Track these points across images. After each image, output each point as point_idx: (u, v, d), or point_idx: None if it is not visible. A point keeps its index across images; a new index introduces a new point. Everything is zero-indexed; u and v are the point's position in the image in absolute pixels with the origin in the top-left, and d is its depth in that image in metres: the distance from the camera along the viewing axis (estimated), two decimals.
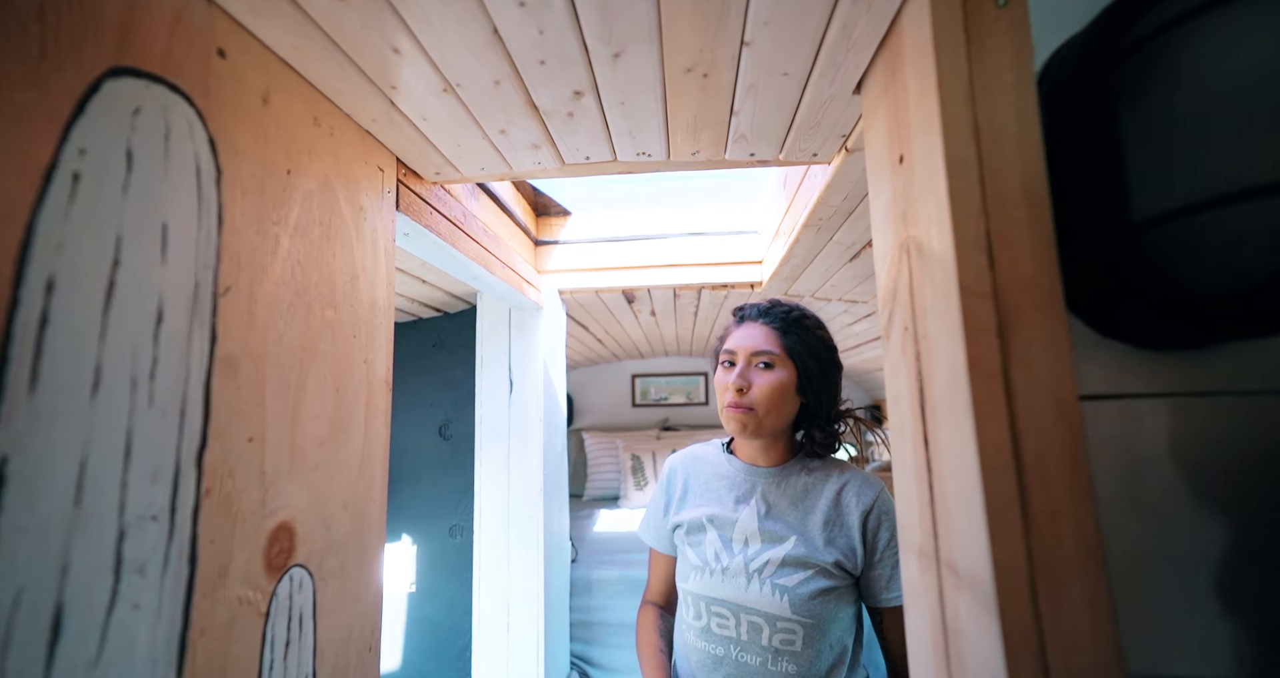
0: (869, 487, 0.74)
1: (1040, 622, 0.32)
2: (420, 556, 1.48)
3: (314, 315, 0.51)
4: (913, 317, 0.45)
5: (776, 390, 0.73)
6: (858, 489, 0.74)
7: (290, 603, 0.45)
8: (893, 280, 0.49)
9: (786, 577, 0.71)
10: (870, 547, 0.72)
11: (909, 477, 0.47)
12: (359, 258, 0.59)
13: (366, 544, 0.58)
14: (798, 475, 0.77)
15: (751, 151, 0.72)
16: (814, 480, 0.76)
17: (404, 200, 0.71)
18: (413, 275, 1.21)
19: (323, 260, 0.53)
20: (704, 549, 0.77)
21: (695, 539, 0.79)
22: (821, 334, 0.78)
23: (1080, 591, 0.32)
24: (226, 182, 0.41)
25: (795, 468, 0.78)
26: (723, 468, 0.83)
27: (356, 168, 0.60)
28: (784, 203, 1.15)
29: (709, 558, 0.76)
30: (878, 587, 0.71)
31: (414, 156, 0.70)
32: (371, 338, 0.61)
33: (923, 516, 0.44)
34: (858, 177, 0.74)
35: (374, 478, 0.60)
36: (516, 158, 0.73)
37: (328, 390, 0.53)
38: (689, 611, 0.77)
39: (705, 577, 0.75)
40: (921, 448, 0.43)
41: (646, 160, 0.74)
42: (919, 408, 0.44)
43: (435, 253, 0.87)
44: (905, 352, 0.46)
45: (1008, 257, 0.36)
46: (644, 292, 1.60)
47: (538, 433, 1.38)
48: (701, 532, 0.79)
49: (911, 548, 0.47)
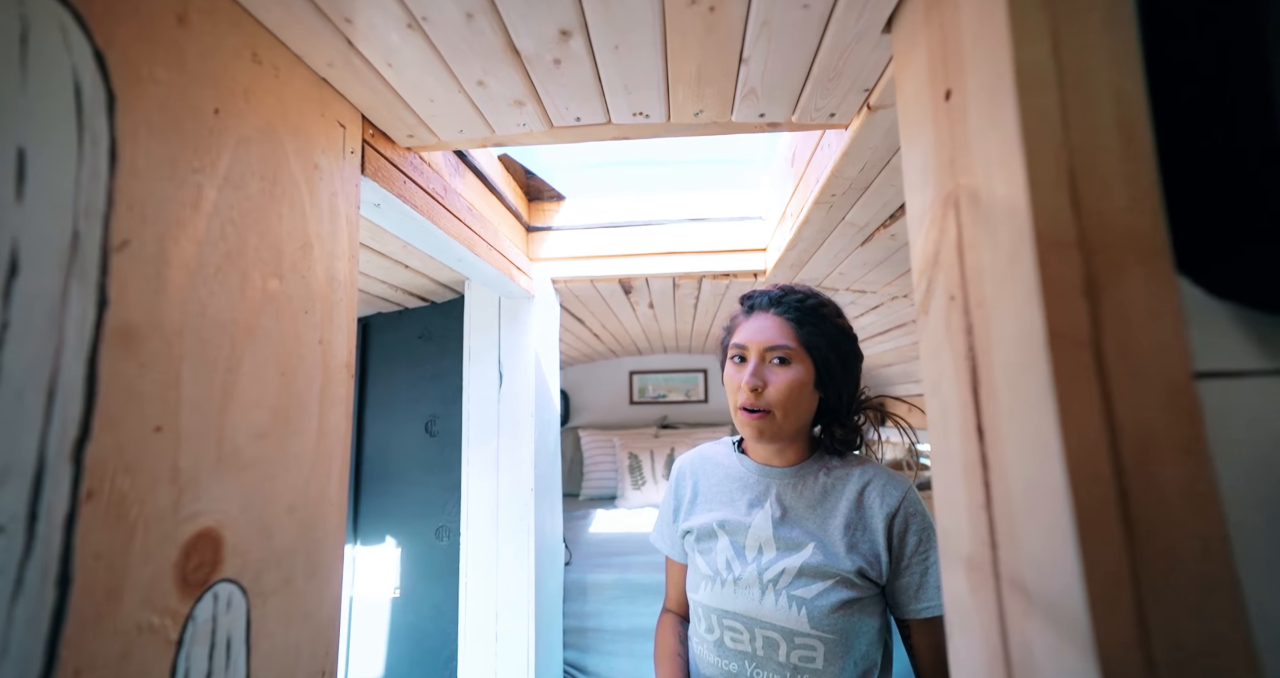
0: (894, 486, 0.67)
1: (1152, 660, 0.25)
2: (405, 559, 1.40)
3: (252, 285, 0.44)
4: (962, 283, 0.37)
5: (794, 389, 0.66)
6: (882, 489, 0.67)
7: (214, 627, 0.38)
8: (933, 244, 0.41)
9: (804, 588, 0.63)
10: (896, 553, 0.64)
11: (954, 475, 0.39)
12: (313, 223, 0.52)
13: (320, 553, 0.50)
14: (816, 476, 0.71)
15: (761, 112, 0.64)
16: (834, 481, 0.69)
17: (371, 164, 0.63)
18: (394, 259, 1.13)
19: (265, 222, 0.45)
20: (714, 557, 0.70)
21: (705, 547, 0.72)
22: (840, 322, 0.71)
23: (1208, 625, 0.25)
24: (124, 111, 0.33)
25: (813, 468, 0.71)
26: (734, 469, 0.76)
27: (310, 120, 0.52)
28: (792, 182, 1.07)
29: (720, 567, 0.69)
30: (906, 597, 0.64)
31: (381, 114, 0.62)
32: (329, 316, 0.53)
33: (974, 521, 0.36)
34: (879, 141, 0.67)
35: (331, 477, 0.53)
36: (499, 118, 0.65)
37: (270, 374, 0.45)
38: (701, 623, 0.71)
39: (716, 588, 0.68)
40: (973, 440, 0.36)
41: (644, 122, 0.67)
42: (970, 392, 0.36)
43: (412, 228, 0.79)
44: (951, 326, 0.39)
45: (1097, 198, 0.29)
46: (641, 281, 1.52)
47: (529, 429, 1.31)
48: (712, 539, 0.72)
49: (957, 559, 0.39)
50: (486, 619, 1.26)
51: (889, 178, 0.79)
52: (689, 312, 1.98)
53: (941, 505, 0.41)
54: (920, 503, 0.66)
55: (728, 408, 3.21)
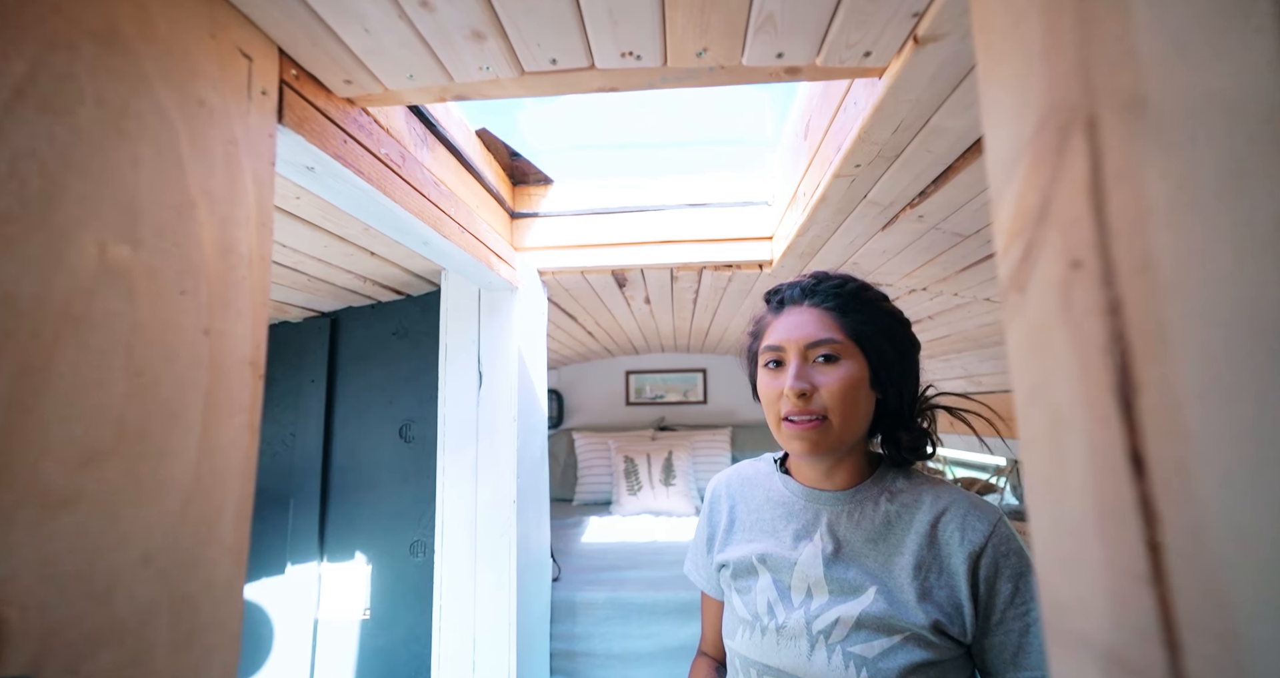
0: (979, 515, 0.53)
1: None
2: (376, 576, 1.28)
3: (79, 250, 0.31)
4: (1099, 238, 0.25)
5: (850, 388, 0.54)
6: (962, 519, 0.53)
7: None
8: (1039, 191, 0.29)
9: (864, 644, 0.51)
10: (985, 604, 0.51)
11: (1075, 523, 0.27)
12: (195, 177, 0.39)
13: (200, 613, 0.38)
14: (877, 502, 0.57)
15: (780, 51, 0.52)
16: (900, 508, 0.56)
17: (295, 113, 0.51)
18: (356, 245, 1.00)
19: (106, 166, 0.33)
20: (754, 598, 0.58)
21: (744, 585, 0.60)
22: (889, 307, 0.59)
23: None
24: None
25: (873, 491, 0.58)
26: (777, 492, 0.63)
27: (191, 41, 0.40)
28: (805, 158, 0.95)
29: (760, 611, 0.57)
30: (1000, 662, 0.50)
31: (304, 47, 0.50)
32: (221, 299, 0.41)
33: (1123, 599, 0.24)
34: (922, 89, 0.54)
35: (222, 509, 0.40)
36: (456, 58, 0.53)
37: (112, 374, 0.33)
38: (737, 675, 0.58)
39: (756, 636, 0.56)
40: (1124, 476, 0.24)
41: (635, 65, 0.54)
42: (1115, 402, 0.24)
43: (359, 200, 0.66)
44: (1073, 305, 0.26)
45: None
46: (636, 273, 1.40)
47: (510, 435, 1.18)
48: (752, 576, 0.60)
49: (1083, 647, 0.27)
50: (463, 646, 1.13)
51: (926, 142, 0.67)
52: (688, 307, 1.86)
53: (1049, 564, 0.29)
54: (1016, 538, 0.53)
55: (727, 409, 3.11)
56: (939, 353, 2.15)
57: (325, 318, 1.40)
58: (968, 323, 1.62)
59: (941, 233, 0.98)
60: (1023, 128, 0.30)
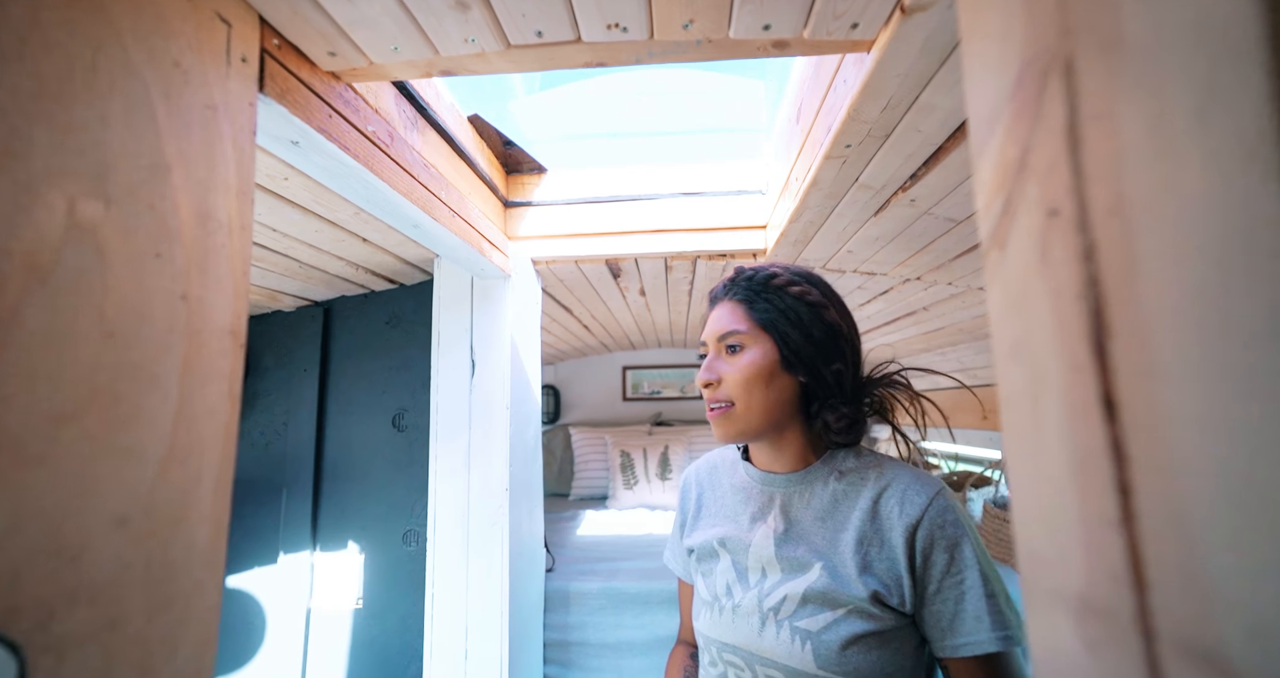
0: (919, 489, 0.54)
1: None
2: (369, 566, 1.27)
3: (46, 204, 0.31)
4: (1075, 184, 0.25)
5: (750, 374, 0.57)
6: (902, 494, 0.54)
7: None
8: (1019, 142, 0.29)
9: (809, 618, 0.53)
10: (921, 574, 0.52)
11: (1051, 473, 0.27)
12: (171, 140, 0.39)
13: (176, 580, 0.37)
14: (826, 481, 0.59)
15: (766, 23, 0.52)
16: (846, 487, 0.58)
17: (277, 84, 0.50)
18: (348, 230, 1.00)
19: (72, 119, 0.32)
20: (715, 580, 0.61)
21: (707, 568, 0.63)
22: (800, 290, 0.59)
23: None
24: None
25: (823, 472, 0.60)
26: (739, 479, 0.66)
27: (165, 3, 0.39)
28: (797, 142, 0.94)
29: (720, 592, 0.59)
30: (937, 630, 0.52)
31: (286, 17, 0.49)
32: (198, 265, 0.41)
33: (1095, 544, 0.24)
34: (911, 62, 0.54)
35: (200, 477, 0.40)
36: (440, 29, 0.52)
37: (84, 334, 0.32)
38: (705, 655, 0.61)
39: (715, 615, 0.59)
40: (1095, 420, 0.24)
41: (622, 38, 0.54)
42: (1090, 348, 0.24)
43: (346, 177, 0.66)
44: (1050, 255, 0.26)
45: None
46: (631, 262, 1.40)
47: (503, 423, 1.18)
48: (714, 559, 0.63)
49: (1058, 598, 0.27)
50: (455, 635, 1.13)
51: (916, 121, 0.66)
52: (683, 299, 1.86)
53: (1028, 520, 0.29)
54: (953, 509, 0.54)
55: None
56: (935, 346, 2.15)
57: (318, 307, 1.39)
58: (962, 314, 1.62)
59: (934, 218, 0.98)
60: (1004, 80, 0.30)
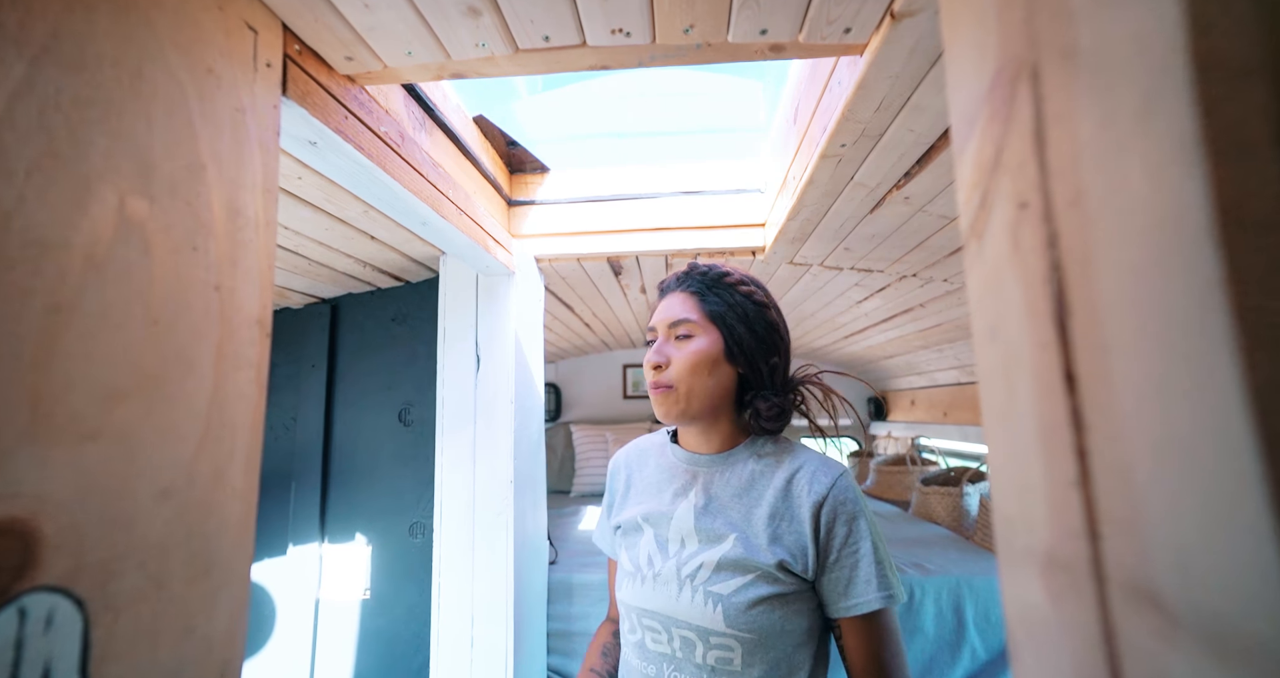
0: (825, 472, 0.62)
1: None
2: (376, 557, 1.30)
3: (100, 201, 0.33)
4: (1041, 179, 0.27)
5: (697, 361, 0.63)
6: (811, 475, 0.62)
7: (19, 654, 0.28)
8: (993, 142, 0.31)
9: (721, 583, 0.59)
10: (824, 545, 0.59)
11: (1021, 443, 0.29)
12: (206, 140, 0.41)
13: (212, 549, 0.40)
14: (745, 463, 0.66)
15: (763, 28, 0.54)
16: (763, 468, 0.65)
17: (299, 87, 0.53)
18: (357, 228, 1.03)
19: (123, 123, 0.35)
20: (637, 552, 0.66)
21: (630, 541, 0.68)
22: (748, 290, 0.67)
23: None
24: None
25: (744, 454, 0.67)
26: (666, 460, 0.71)
27: (200, 11, 0.42)
28: (794, 141, 0.97)
29: (641, 563, 0.64)
30: (834, 593, 0.60)
31: (308, 24, 0.52)
32: (230, 258, 0.43)
33: (1057, 504, 0.27)
34: (901, 64, 0.57)
35: (233, 455, 0.42)
36: (452, 34, 0.55)
37: (132, 320, 0.35)
38: (625, 623, 0.66)
39: (637, 584, 0.64)
40: (1058, 392, 0.26)
41: (625, 42, 0.56)
42: (1053, 327, 0.27)
43: (360, 176, 0.68)
44: (1021, 243, 0.29)
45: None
46: (632, 260, 1.42)
47: (508, 417, 1.20)
48: (637, 533, 0.67)
49: (1028, 557, 0.29)
50: (461, 623, 1.16)
51: (908, 121, 0.69)
52: None
53: (1004, 489, 0.31)
54: (853, 490, 0.62)
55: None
56: (932, 343, 2.18)
57: (326, 304, 1.42)
58: (957, 310, 1.64)
59: (928, 216, 1.00)
60: (980, 85, 0.32)
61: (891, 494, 2.58)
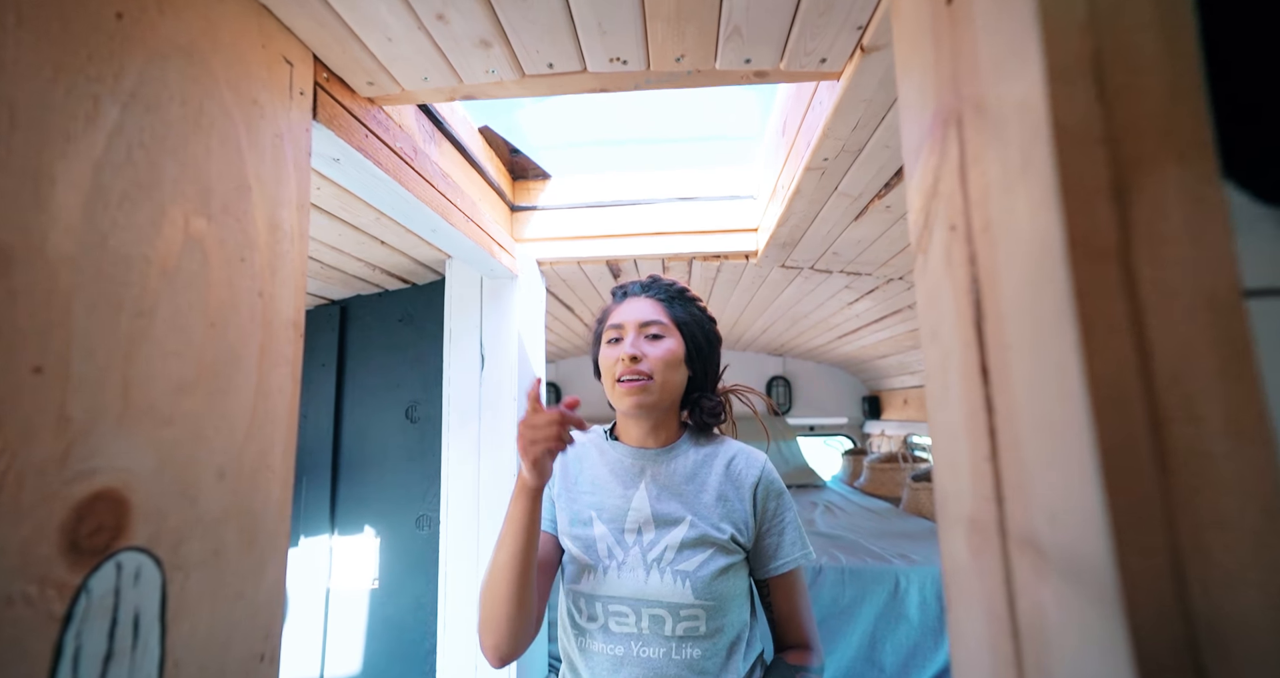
0: (755, 458, 0.74)
1: (1193, 625, 0.21)
2: (384, 549, 1.35)
3: (171, 221, 0.39)
4: (964, 208, 0.33)
5: (670, 360, 0.71)
6: (747, 460, 0.74)
7: (116, 602, 0.33)
8: (932, 172, 0.37)
9: (687, 561, 0.67)
10: (760, 517, 0.71)
11: (954, 427, 0.35)
12: (251, 164, 0.47)
13: (259, 525, 0.46)
14: (687, 454, 0.75)
15: (747, 57, 0.60)
16: (704, 457, 0.75)
17: (326, 111, 0.59)
18: (369, 234, 1.08)
19: (188, 153, 0.40)
20: (595, 548, 0.70)
21: (583, 534, 0.71)
22: (702, 305, 0.79)
23: (1258, 575, 0.21)
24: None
25: (685, 447, 0.76)
26: (609, 455, 0.77)
27: (248, 50, 0.47)
28: (783, 152, 1.03)
29: (601, 555, 0.69)
30: (766, 556, 0.70)
31: (335, 54, 0.57)
32: (270, 267, 0.49)
33: (977, 476, 0.32)
34: (873, 91, 0.62)
35: (273, 442, 0.48)
36: (465, 62, 0.60)
37: (195, 323, 0.41)
38: (581, 615, 0.69)
39: (600, 576, 0.68)
40: (976, 383, 0.32)
41: (623, 70, 0.62)
42: (973, 330, 0.32)
43: (377, 189, 0.74)
44: (951, 260, 0.35)
45: (1126, 85, 0.24)
46: (630, 263, 1.48)
47: (512, 413, 1.26)
48: (588, 525, 0.72)
49: (957, 521, 0.35)
50: (467, 614, 1.21)
51: (884, 138, 0.74)
52: None
53: (941, 466, 0.37)
54: (775, 470, 0.74)
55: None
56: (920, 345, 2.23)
57: (335, 306, 1.47)
58: None
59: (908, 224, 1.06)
60: (923, 122, 0.38)
61: (884, 491, 2.63)
